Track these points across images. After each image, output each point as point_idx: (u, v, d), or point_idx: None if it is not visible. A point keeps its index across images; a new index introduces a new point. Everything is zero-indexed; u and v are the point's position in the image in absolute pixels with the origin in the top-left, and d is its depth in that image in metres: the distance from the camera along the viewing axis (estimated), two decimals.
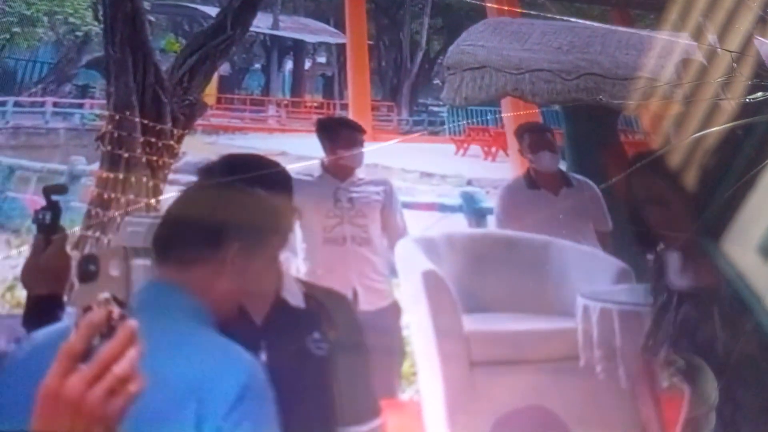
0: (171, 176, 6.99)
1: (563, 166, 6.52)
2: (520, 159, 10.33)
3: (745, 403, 3.05)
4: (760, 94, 3.80)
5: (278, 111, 14.62)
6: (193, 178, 2.77)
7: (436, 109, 14.14)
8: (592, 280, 5.02)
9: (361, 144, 5.48)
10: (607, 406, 4.77)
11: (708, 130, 4.68)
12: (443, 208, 7.52)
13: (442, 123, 13.78)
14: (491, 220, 8.35)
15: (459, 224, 8.10)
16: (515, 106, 9.19)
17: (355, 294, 5.27)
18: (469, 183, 9.53)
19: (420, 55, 14.36)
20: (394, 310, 5.37)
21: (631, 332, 4.47)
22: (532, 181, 5.83)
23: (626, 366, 4.53)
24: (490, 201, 8.72)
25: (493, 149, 12.18)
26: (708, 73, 5.39)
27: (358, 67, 12.48)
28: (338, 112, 13.76)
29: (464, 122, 12.38)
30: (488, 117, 12.14)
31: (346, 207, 5.39)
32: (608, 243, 5.73)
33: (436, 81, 13.82)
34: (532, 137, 5.91)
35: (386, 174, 7.93)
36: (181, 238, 2.25)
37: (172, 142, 7.17)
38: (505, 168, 10.98)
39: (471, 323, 4.97)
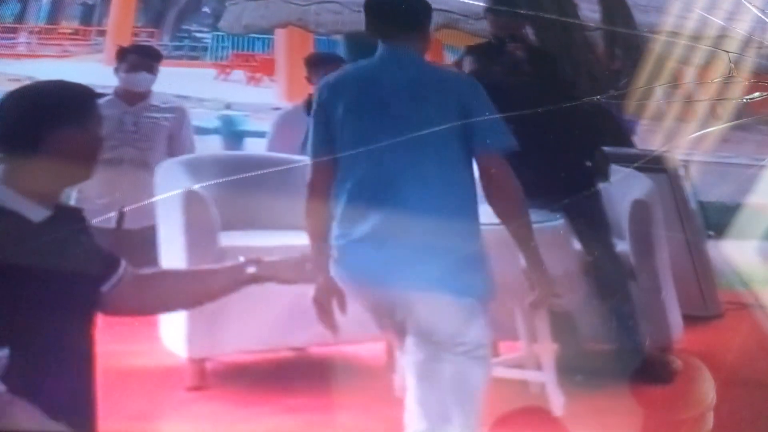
0: None
1: None
2: (287, 84, 10.31)
3: None
4: (757, 94, 3.61)
5: (29, 38, 14.13)
6: None
7: (199, 35, 13.94)
8: None
9: (150, 69, 5.76)
10: (360, 312, 4.78)
11: (707, 129, 4.69)
12: (198, 130, 7.38)
13: (205, 48, 13.61)
14: (248, 142, 8.32)
15: (214, 146, 8.03)
16: (291, 34, 9.12)
17: (122, 214, 5.51)
18: (228, 107, 9.44)
19: None
20: None
21: None
22: (311, 106, 5.84)
23: None
24: (250, 124, 8.64)
25: (258, 75, 12.13)
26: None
27: None
28: (94, 38, 13.56)
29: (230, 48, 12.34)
30: (256, 44, 12.10)
31: (130, 131, 5.66)
32: None
33: (206, 9, 13.60)
34: (329, 68, 5.94)
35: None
36: (399, 19, 3.50)
37: None
38: (268, 93, 10.94)
39: (230, 239, 4.98)
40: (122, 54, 5.90)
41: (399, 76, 3.42)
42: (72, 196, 5.69)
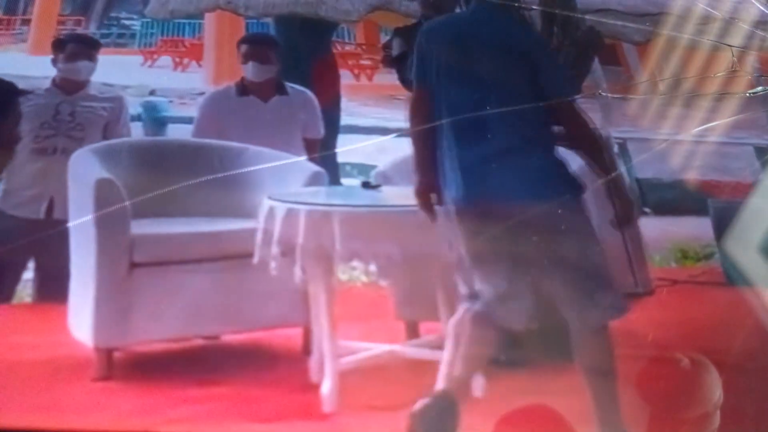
0: None
1: None
2: (214, 69, 10.18)
3: None
4: (761, 88, 3.87)
5: None
6: None
7: (127, 22, 13.84)
8: (283, 183, 5.00)
9: (90, 57, 5.74)
10: (275, 299, 4.76)
11: (712, 124, 4.64)
12: None
13: (133, 35, 13.51)
14: (171, 128, 8.18)
15: (137, 133, 7.86)
16: (220, 18, 8.97)
17: (51, 202, 5.55)
18: (152, 93, 9.29)
19: None
20: None
21: (315, 230, 4.43)
22: (244, 88, 5.88)
23: (303, 262, 4.47)
24: (172, 110, 8.51)
25: (185, 60, 12.06)
26: None
27: None
28: (19, 27, 13.48)
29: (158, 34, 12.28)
30: (186, 29, 12.01)
31: (65, 120, 5.63)
32: (316, 149, 5.93)
33: None
34: (246, 48, 5.97)
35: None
36: None
37: None
38: (194, 78, 10.86)
39: (141, 227, 4.86)
40: (60, 44, 5.83)
41: (485, 27, 3.94)
42: None
